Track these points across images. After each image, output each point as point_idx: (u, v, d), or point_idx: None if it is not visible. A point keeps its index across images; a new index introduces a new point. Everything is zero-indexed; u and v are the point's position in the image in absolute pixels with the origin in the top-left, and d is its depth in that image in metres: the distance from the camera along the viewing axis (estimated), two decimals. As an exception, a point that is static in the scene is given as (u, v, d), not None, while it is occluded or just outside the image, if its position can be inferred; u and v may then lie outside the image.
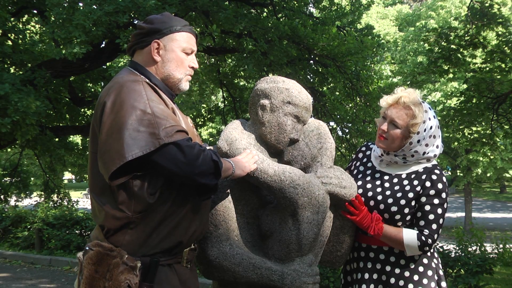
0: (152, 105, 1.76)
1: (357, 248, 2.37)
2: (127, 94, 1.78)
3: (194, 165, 1.75)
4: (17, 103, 5.74)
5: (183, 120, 1.96)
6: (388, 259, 2.27)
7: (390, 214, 2.23)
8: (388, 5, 28.26)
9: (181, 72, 1.99)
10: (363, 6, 9.55)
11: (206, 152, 1.79)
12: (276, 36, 6.87)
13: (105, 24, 5.83)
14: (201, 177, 1.77)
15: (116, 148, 1.72)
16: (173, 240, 1.87)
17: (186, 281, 1.94)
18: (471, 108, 9.27)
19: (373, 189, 2.31)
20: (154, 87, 1.87)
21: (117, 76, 1.94)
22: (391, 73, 19.92)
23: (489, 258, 6.02)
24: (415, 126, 2.23)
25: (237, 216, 2.21)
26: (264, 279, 2.10)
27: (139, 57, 1.98)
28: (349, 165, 2.55)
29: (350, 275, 2.41)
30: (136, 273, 1.77)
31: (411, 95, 2.27)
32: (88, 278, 1.76)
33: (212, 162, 1.79)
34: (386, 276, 2.26)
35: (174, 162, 1.74)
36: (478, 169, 20.59)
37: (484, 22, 8.94)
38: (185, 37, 1.99)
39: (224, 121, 10.79)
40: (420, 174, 2.27)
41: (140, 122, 1.72)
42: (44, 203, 10.89)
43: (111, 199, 1.81)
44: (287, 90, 2.22)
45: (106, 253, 1.78)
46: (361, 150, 2.54)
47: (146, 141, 1.70)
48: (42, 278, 7.73)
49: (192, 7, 6.46)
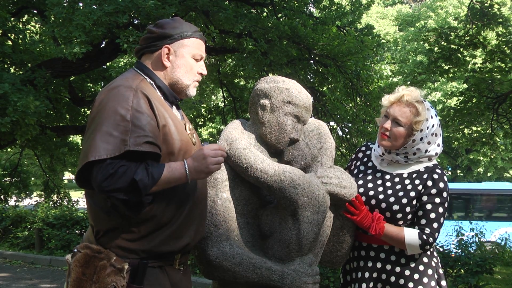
0: (134, 114, 1.74)
1: (357, 247, 2.37)
2: (114, 98, 1.77)
3: (103, 184, 1.68)
4: (17, 102, 5.74)
5: (177, 127, 1.89)
6: (388, 257, 2.27)
7: (392, 213, 2.24)
8: (388, 5, 28.26)
9: (189, 78, 1.98)
10: (363, 6, 9.55)
11: (127, 170, 1.69)
12: (276, 36, 6.87)
13: (105, 24, 5.83)
14: (115, 194, 1.70)
15: (85, 148, 1.72)
16: (165, 249, 1.86)
17: (177, 283, 1.93)
18: (471, 108, 9.27)
19: (375, 188, 2.30)
20: (147, 95, 1.82)
21: (118, 77, 1.93)
22: (391, 73, 19.92)
23: (489, 258, 6.02)
24: (419, 123, 2.23)
25: (237, 216, 2.21)
26: (264, 279, 2.10)
27: (148, 60, 1.97)
28: (348, 165, 2.54)
29: (349, 274, 2.40)
30: (123, 275, 1.75)
31: (413, 93, 2.27)
32: (75, 281, 1.75)
33: (130, 180, 1.69)
34: (386, 275, 2.26)
35: (94, 176, 1.69)
36: (478, 169, 20.59)
37: (484, 22, 8.94)
38: (195, 43, 1.98)
39: (224, 121, 10.79)
40: (421, 173, 2.27)
41: (116, 127, 1.71)
42: (44, 203, 10.89)
43: (103, 200, 1.79)
44: (287, 90, 2.22)
45: (94, 255, 1.77)
46: (361, 149, 2.53)
47: (114, 145, 1.68)
48: (42, 278, 7.73)
49: (192, 7, 6.46)
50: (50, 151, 9.45)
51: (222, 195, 2.15)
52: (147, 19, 5.94)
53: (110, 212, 1.78)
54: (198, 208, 1.96)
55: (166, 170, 1.77)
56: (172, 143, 1.84)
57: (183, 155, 1.88)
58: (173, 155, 1.85)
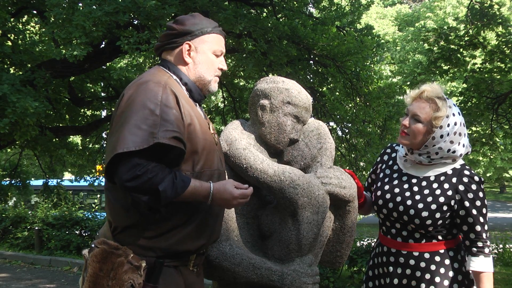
0: (163, 108, 1.75)
1: (386, 252, 2.28)
2: (143, 92, 1.77)
3: (127, 184, 1.68)
4: (16, 103, 5.74)
5: (202, 126, 1.91)
6: (418, 264, 2.19)
7: (421, 220, 2.14)
8: (388, 6, 28.28)
9: (210, 74, 1.99)
10: (363, 6, 9.54)
11: (154, 177, 1.69)
12: (276, 36, 6.87)
13: (105, 24, 5.83)
14: (137, 194, 1.71)
15: (114, 141, 1.71)
16: (181, 248, 1.86)
17: (191, 284, 1.93)
18: (471, 108, 9.26)
19: (402, 194, 2.20)
20: (175, 92, 1.82)
21: (145, 73, 1.93)
22: (391, 73, 19.93)
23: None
24: (438, 119, 2.12)
25: (237, 216, 2.21)
26: (264, 279, 2.10)
27: (169, 57, 1.98)
28: (373, 168, 2.46)
29: (377, 279, 2.33)
30: (140, 273, 1.76)
31: (434, 88, 2.19)
32: (92, 276, 1.75)
33: (154, 189, 1.69)
34: (416, 282, 2.18)
35: (119, 170, 1.69)
36: (478, 169, 20.60)
37: (484, 22, 8.95)
38: (216, 39, 1.99)
39: (224, 121, 10.79)
40: (449, 176, 2.17)
41: (144, 120, 1.71)
42: (44, 203, 10.89)
43: (124, 197, 1.79)
44: (287, 90, 2.22)
45: (111, 251, 1.77)
46: (386, 151, 2.44)
47: (142, 138, 1.68)
48: (42, 278, 7.73)
49: (192, 7, 6.46)
50: (49, 151, 9.44)
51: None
52: (147, 19, 5.94)
53: (129, 209, 1.78)
54: (216, 209, 1.96)
55: (191, 188, 1.77)
56: (196, 142, 1.85)
57: (206, 155, 1.89)
58: (196, 154, 1.86)
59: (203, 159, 1.88)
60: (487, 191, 32.09)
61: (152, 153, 1.71)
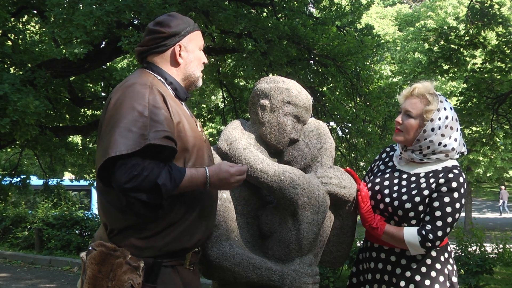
0: (151, 109, 1.76)
1: (369, 248, 2.33)
2: (130, 95, 1.79)
3: (126, 185, 1.68)
4: (16, 103, 5.74)
5: (190, 124, 1.93)
6: (399, 261, 2.22)
7: (404, 211, 2.18)
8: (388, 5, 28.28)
9: (199, 69, 2.05)
10: (363, 6, 9.53)
11: (150, 173, 1.70)
12: (276, 36, 6.86)
13: (106, 24, 5.83)
14: (137, 195, 1.71)
15: (105, 145, 1.73)
16: (178, 246, 1.87)
17: (188, 283, 1.94)
18: (471, 108, 9.26)
19: (390, 187, 2.27)
20: (162, 93, 1.84)
21: (129, 76, 1.95)
22: (391, 73, 19.92)
23: (489, 258, 6.02)
24: (429, 112, 2.20)
25: (237, 216, 2.21)
26: (264, 279, 2.10)
27: (157, 60, 1.98)
28: (371, 166, 2.51)
29: (362, 275, 2.37)
30: (139, 273, 1.77)
31: (424, 85, 2.26)
32: (91, 278, 1.76)
33: (153, 184, 1.70)
34: (396, 279, 2.21)
35: (116, 175, 1.69)
36: (478, 169, 20.58)
37: (484, 22, 8.94)
38: (198, 35, 2.05)
39: (224, 121, 10.78)
40: (438, 172, 2.21)
41: (134, 123, 1.72)
42: (44, 203, 10.90)
43: (118, 199, 1.80)
44: (287, 90, 2.22)
45: (109, 253, 1.78)
46: (385, 150, 2.51)
47: (134, 140, 1.70)
48: (42, 278, 7.74)
49: (192, 7, 6.45)
50: (49, 151, 9.44)
51: (222, 195, 2.16)
52: (147, 18, 5.93)
53: (124, 211, 1.79)
54: (210, 204, 1.99)
55: (188, 176, 1.79)
56: (186, 139, 1.87)
57: (197, 152, 1.92)
58: (187, 152, 1.88)
59: (194, 156, 1.90)
60: (487, 191, 32.08)
61: (144, 154, 1.72)
